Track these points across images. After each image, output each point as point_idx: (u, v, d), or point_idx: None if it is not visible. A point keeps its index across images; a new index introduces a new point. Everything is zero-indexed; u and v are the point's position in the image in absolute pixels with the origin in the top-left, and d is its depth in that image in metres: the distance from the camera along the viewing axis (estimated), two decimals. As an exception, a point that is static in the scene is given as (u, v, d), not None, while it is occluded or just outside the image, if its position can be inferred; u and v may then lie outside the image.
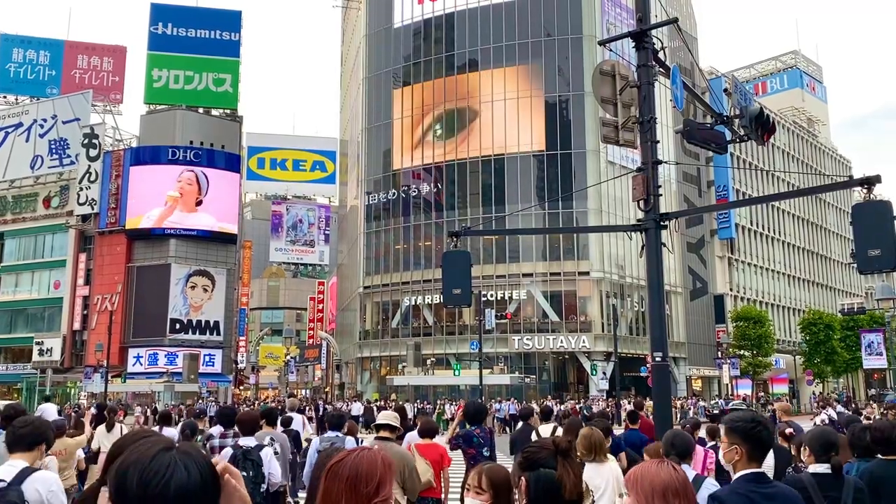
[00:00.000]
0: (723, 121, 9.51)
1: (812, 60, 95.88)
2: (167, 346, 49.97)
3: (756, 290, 65.11)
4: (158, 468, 1.39)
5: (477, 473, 2.58)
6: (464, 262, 7.83)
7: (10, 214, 57.92)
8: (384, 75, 55.86)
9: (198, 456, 1.46)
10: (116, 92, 61.91)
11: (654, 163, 7.10)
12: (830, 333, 56.99)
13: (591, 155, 47.72)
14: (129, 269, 51.92)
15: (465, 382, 42.96)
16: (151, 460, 1.40)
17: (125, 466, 1.40)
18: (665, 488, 2.08)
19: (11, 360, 55.94)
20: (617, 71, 7.51)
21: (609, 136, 7.37)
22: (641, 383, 44.87)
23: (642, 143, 7.26)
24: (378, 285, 53.57)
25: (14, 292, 57.07)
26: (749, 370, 49.79)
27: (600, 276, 47.24)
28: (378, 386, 51.93)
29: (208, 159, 53.62)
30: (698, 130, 9.59)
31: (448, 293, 7.69)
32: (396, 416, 6.28)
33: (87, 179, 53.43)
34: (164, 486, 1.38)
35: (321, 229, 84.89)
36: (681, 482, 2.09)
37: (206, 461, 1.47)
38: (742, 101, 9.48)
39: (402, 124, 53.96)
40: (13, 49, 62.17)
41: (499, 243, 48.60)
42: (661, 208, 7.65)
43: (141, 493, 1.38)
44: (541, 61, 49.94)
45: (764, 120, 9.60)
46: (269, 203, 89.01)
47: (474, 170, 50.27)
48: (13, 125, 58.15)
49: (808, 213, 75.25)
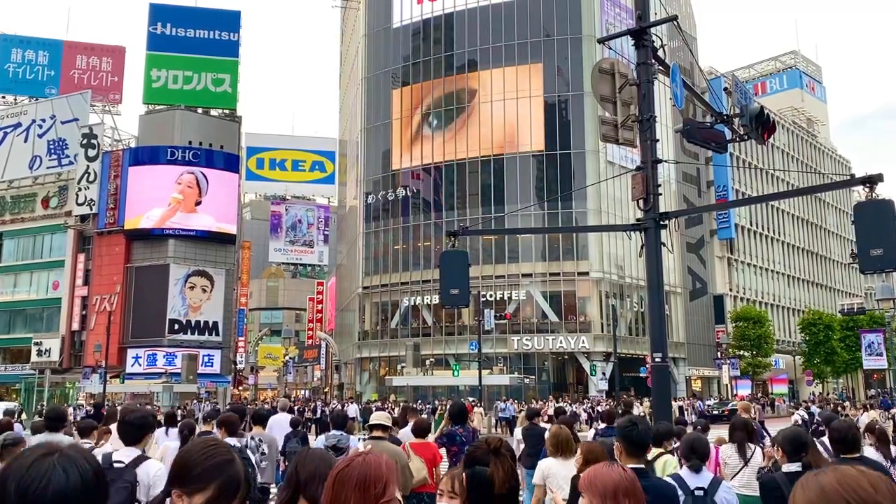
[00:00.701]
0: (723, 120, 9.45)
1: (811, 60, 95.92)
2: (166, 347, 49.87)
3: (755, 290, 65.06)
4: (36, 475, 1.42)
5: (449, 478, 2.71)
6: (462, 262, 7.74)
7: (9, 215, 57.81)
8: (383, 75, 55.80)
9: (81, 460, 1.47)
10: (115, 92, 61.84)
11: (653, 162, 7.03)
12: (830, 334, 56.97)
13: (591, 155, 47.68)
14: (127, 270, 51.81)
15: (465, 383, 42.88)
16: (29, 467, 1.43)
17: (4, 476, 1.43)
18: (616, 488, 2.21)
19: (10, 361, 55.83)
20: (616, 69, 7.44)
21: (608, 134, 7.30)
22: (641, 384, 44.80)
23: (642, 142, 7.19)
24: (377, 286, 53.50)
25: (13, 293, 56.96)
26: (749, 370, 49.73)
27: (600, 276, 47.18)
28: (377, 386, 51.86)
29: (207, 159, 53.52)
30: (698, 130, 9.54)
31: (446, 293, 7.60)
32: (389, 416, 6.63)
33: (85, 180, 53.33)
34: (41, 491, 1.40)
35: (320, 230, 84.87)
36: (629, 481, 2.24)
37: (91, 465, 1.49)
38: (742, 100, 9.45)
39: (401, 124, 53.90)
40: (12, 49, 62.10)
41: (498, 243, 48.54)
42: (660, 208, 7.59)
43: (19, 501, 1.41)
44: (540, 61, 49.89)
45: (764, 119, 9.54)
46: (268, 203, 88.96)
47: (473, 170, 50.22)
48: (12, 125, 58.06)
49: (807, 213, 75.22)
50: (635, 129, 7.34)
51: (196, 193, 52.45)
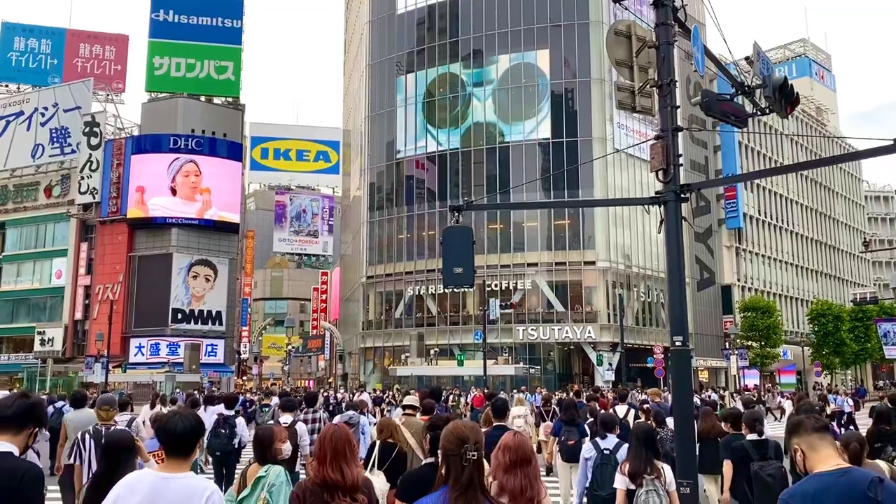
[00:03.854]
0: (744, 91, 8.87)
1: (821, 49, 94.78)
2: (169, 336, 49.59)
3: (764, 280, 64.40)
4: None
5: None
6: (466, 239, 7.16)
7: (12, 203, 57.53)
8: (388, 62, 55.10)
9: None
10: (119, 81, 61.38)
11: (674, 130, 6.48)
12: (839, 324, 56.30)
13: (598, 143, 46.99)
14: (130, 259, 51.49)
15: (469, 373, 42.49)
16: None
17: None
18: (504, 448, 3.20)
19: (13, 350, 55.69)
20: (633, 31, 6.90)
21: (624, 101, 6.75)
22: (648, 374, 44.31)
23: (661, 109, 6.63)
24: (381, 275, 53.03)
25: (16, 282, 56.74)
26: (757, 361, 49.16)
27: (606, 265, 46.60)
28: (381, 376, 51.47)
29: (210, 148, 53.07)
30: (717, 102, 8.95)
31: (448, 273, 7.04)
32: (417, 399, 8.10)
33: (88, 168, 52.97)
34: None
35: (325, 220, 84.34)
36: (517, 444, 3.20)
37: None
38: (765, 71, 8.84)
39: (405, 112, 53.24)
40: (15, 37, 61.69)
41: (504, 233, 47.98)
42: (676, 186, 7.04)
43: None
44: (546, 48, 49.14)
45: (788, 90, 8.97)
46: (272, 193, 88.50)
47: (478, 158, 49.55)
48: (14, 114, 57.69)
49: (816, 202, 74.42)
50: (654, 95, 6.80)
51: (198, 182, 52.01)
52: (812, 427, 2.98)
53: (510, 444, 3.25)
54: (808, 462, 2.94)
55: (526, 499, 3.18)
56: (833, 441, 3.00)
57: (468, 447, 2.99)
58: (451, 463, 2.99)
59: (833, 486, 2.76)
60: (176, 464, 3.03)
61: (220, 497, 3.05)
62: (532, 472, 3.23)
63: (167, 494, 2.92)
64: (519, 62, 49.64)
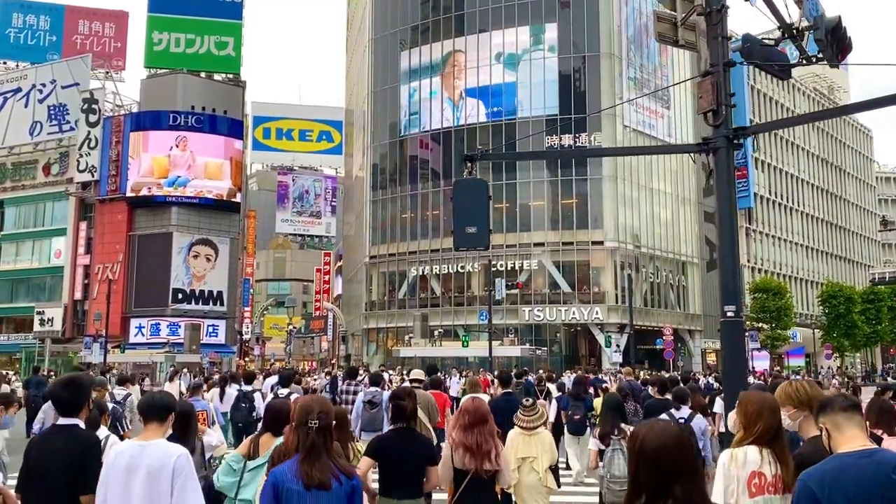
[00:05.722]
0: (791, 34, 7.83)
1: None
2: (169, 317, 48.89)
3: (774, 261, 63.39)
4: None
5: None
6: (480, 193, 6.16)
7: (10, 182, 56.72)
8: (391, 37, 53.81)
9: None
10: (118, 58, 60.18)
11: (725, 64, 5.54)
12: (850, 307, 55.35)
13: (607, 118, 45.80)
14: (130, 238, 50.67)
15: (474, 354, 41.74)
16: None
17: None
18: (464, 411, 4.12)
19: (14, 330, 55.14)
20: (675, -47, 5.92)
21: (665, 34, 5.81)
22: (655, 356, 43.49)
23: (710, 40, 5.69)
24: (384, 255, 52.15)
25: (15, 261, 56.06)
26: (768, 343, 48.30)
27: (614, 245, 45.61)
28: (385, 358, 50.76)
29: (210, 125, 52.03)
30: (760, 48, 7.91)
31: (459, 232, 6.07)
32: (423, 373, 8.84)
33: (86, 146, 51.99)
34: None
35: (328, 200, 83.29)
36: (474, 407, 4.15)
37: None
38: (813, 12, 7.79)
39: (408, 88, 52.02)
40: (13, 14, 60.46)
41: (509, 212, 46.95)
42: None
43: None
44: (555, 21, 47.82)
45: (842, 34, 7.93)
46: (274, 174, 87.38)
47: (484, 135, 48.38)
48: (12, 90, 56.69)
49: (828, 183, 73.21)
50: (698, 28, 5.84)
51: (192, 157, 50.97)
52: (840, 406, 2.86)
53: (468, 407, 3.98)
54: (833, 442, 2.82)
55: (483, 452, 3.93)
56: (861, 421, 2.85)
57: (311, 417, 3.24)
58: (300, 432, 3.26)
59: (853, 467, 2.64)
60: (152, 431, 3.63)
61: (187, 459, 3.50)
62: (488, 430, 3.95)
63: (144, 458, 3.47)
64: (526, 36, 48.32)
